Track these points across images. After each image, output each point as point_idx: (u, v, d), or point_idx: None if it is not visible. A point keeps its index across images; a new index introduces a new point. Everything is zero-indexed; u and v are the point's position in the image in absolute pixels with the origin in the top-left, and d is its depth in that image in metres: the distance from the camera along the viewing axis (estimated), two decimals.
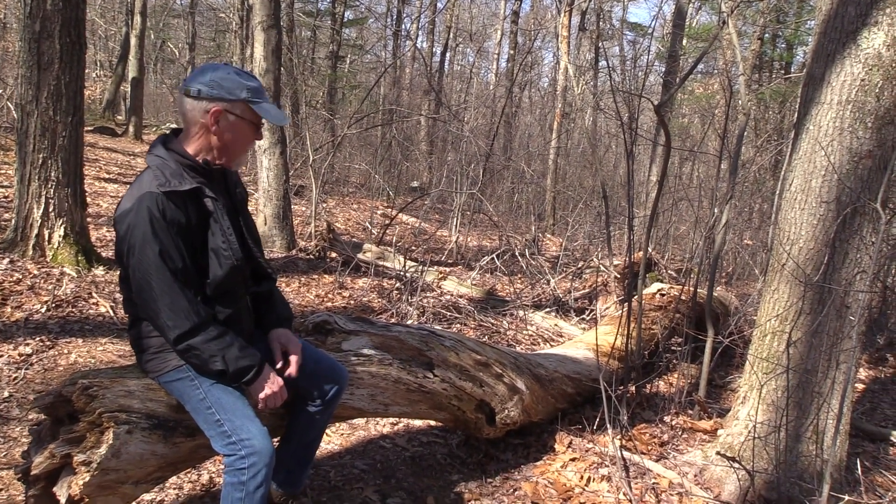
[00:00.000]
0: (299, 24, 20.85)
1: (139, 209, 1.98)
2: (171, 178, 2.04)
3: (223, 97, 2.08)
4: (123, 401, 2.06)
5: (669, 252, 10.13)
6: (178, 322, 2.02)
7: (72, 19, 4.87)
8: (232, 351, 2.09)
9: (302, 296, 6.09)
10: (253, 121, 2.15)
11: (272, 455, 2.08)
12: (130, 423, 2.04)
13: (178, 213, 2.02)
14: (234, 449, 2.06)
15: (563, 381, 3.91)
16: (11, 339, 3.99)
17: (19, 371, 3.65)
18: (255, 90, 2.13)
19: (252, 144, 2.23)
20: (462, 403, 3.17)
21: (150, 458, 2.09)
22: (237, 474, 2.05)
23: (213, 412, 2.08)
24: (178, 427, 2.17)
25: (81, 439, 2.01)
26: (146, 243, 1.98)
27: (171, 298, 2.01)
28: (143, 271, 2.00)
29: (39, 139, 4.90)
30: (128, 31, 17.64)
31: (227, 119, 2.10)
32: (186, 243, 2.05)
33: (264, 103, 2.15)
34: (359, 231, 9.98)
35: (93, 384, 2.03)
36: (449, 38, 21.62)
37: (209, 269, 2.11)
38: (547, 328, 6.13)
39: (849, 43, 3.02)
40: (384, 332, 2.97)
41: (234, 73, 2.11)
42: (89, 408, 1.99)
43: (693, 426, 3.98)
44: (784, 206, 3.31)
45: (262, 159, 7.41)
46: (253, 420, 2.10)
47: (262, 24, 7.05)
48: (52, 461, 1.97)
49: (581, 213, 11.12)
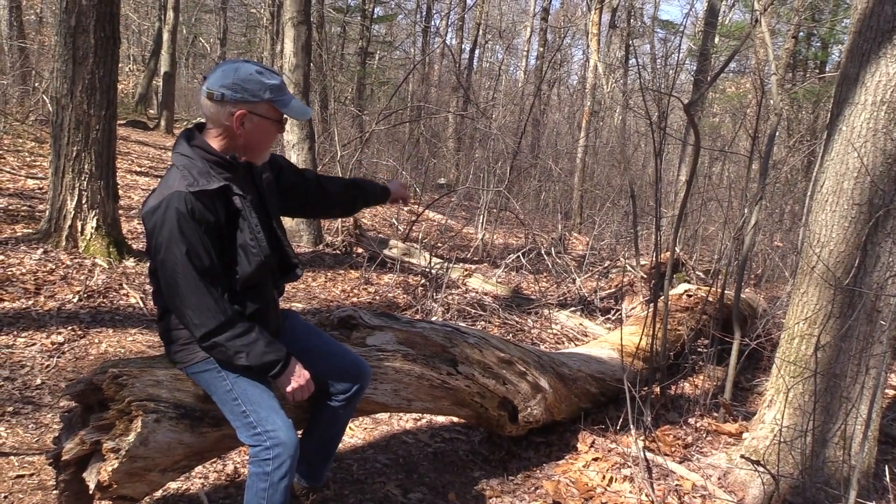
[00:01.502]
0: (329, 20, 20.97)
1: (167, 208, 2.00)
2: (199, 178, 2.05)
3: (247, 100, 2.08)
4: (152, 390, 2.10)
5: (697, 253, 10.02)
6: (204, 320, 2.04)
7: (106, 14, 4.96)
8: (257, 346, 2.11)
9: (328, 291, 6.14)
10: (276, 118, 2.16)
11: (297, 447, 2.11)
12: (158, 411, 2.08)
13: (207, 212, 2.04)
14: (259, 440, 2.09)
15: (586, 381, 3.90)
16: (44, 327, 4.08)
17: (51, 359, 3.73)
18: (277, 88, 2.13)
19: (274, 139, 2.25)
20: (485, 401, 3.18)
21: (177, 447, 2.13)
22: (262, 465, 2.08)
23: (240, 403, 2.11)
24: (204, 417, 2.20)
25: (111, 427, 2.05)
26: (173, 242, 2.00)
27: (197, 297, 2.03)
28: (171, 269, 2.03)
29: (73, 132, 5.00)
30: (160, 26, 17.89)
31: (251, 121, 2.11)
32: (214, 241, 2.07)
33: (287, 99, 2.15)
34: (385, 227, 10.02)
35: (122, 373, 2.07)
36: (478, 35, 21.57)
37: (238, 265, 2.13)
38: (572, 327, 6.11)
39: (885, 42, 2.97)
40: (409, 329, 2.98)
41: (255, 72, 2.10)
42: (119, 396, 2.03)
43: (718, 429, 3.94)
44: (815, 207, 3.27)
45: (290, 154, 7.47)
46: (278, 412, 2.13)
47: (292, 20, 7.10)
48: (83, 447, 2.02)
49: (608, 212, 11.05)
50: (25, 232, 5.40)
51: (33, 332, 3.99)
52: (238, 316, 2.11)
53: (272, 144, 2.25)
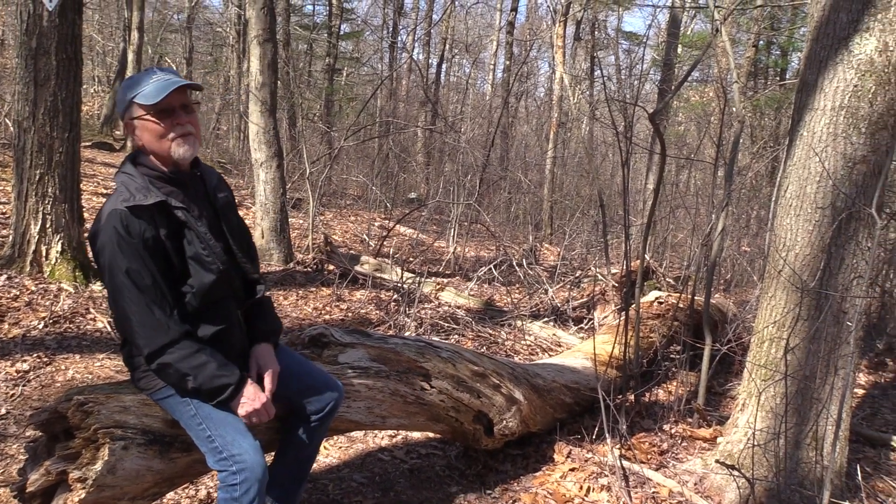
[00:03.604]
0: (296, 37, 20.92)
1: (106, 228, 1.98)
2: (135, 193, 2.02)
3: (122, 109, 2.11)
4: (119, 416, 2.05)
5: (668, 260, 10.12)
6: (149, 340, 2.00)
7: (68, 36, 4.88)
8: (207, 369, 2.06)
9: (300, 309, 6.08)
10: (148, 113, 2.06)
11: (265, 470, 2.07)
12: (126, 438, 2.03)
13: (146, 227, 2.00)
14: (225, 465, 2.05)
15: (561, 391, 3.90)
16: (9, 355, 3.98)
17: (16, 388, 3.64)
18: (134, 84, 2.08)
19: (170, 130, 2.08)
20: (460, 415, 3.16)
21: (146, 474, 2.08)
22: (230, 490, 2.04)
23: (205, 428, 2.07)
24: (174, 442, 2.16)
25: (77, 455, 2.00)
26: (114, 262, 1.98)
27: (141, 316, 2.00)
28: (115, 290, 2.00)
29: (36, 155, 4.91)
30: (125, 46, 17.66)
31: (134, 126, 2.10)
32: (158, 258, 2.03)
33: (144, 87, 2.06)
34: (356, 243, 9.98)
35: (88, 400, 2.02)
36: (445, 50, 21.67)
37: (193, 278, 2.09)
38: (545, 338, 6.12)
39: (841, 49, 3.03)
40: (381, 345, 2.96)
41: (127, 80, 2.12)
42: (84, 424, 1.98)
43: (692, 434, 3.96)
44: (780, 212, 3.32)
45: (258, 172, 7.41)
46: (245, 435, 2.09)
47: (258, 38, 7.07)
48: (48, 478, 1.96)
49: (578, 222, 11.12)
50: None
51: None
52: (186, 335, 2.06)
53: (168, 138, 2.08)
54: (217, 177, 2.34)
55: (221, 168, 15.40)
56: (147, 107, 2.05)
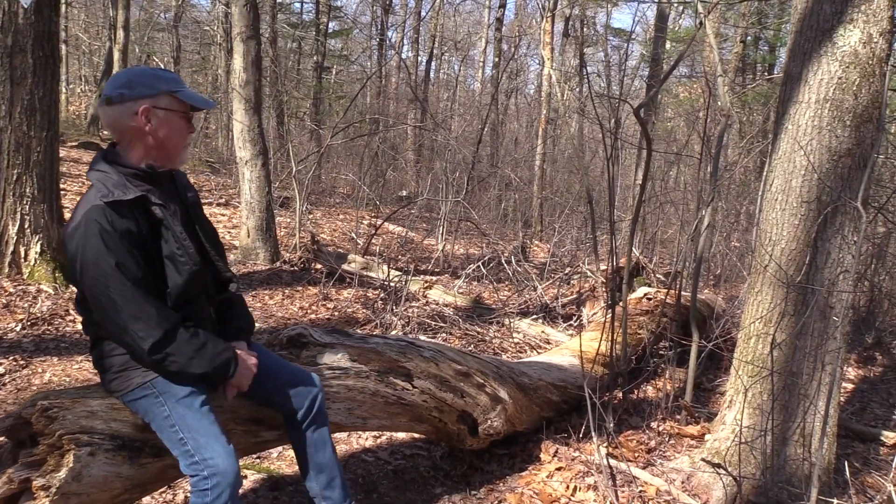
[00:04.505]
0: (284, 35, 20.80)
1: (87, 224, 1.92)
2: (113, 189, 1.97)
3: (146, 94, 2.02)
4: (85, 422, 1.99)
5: (657, 256, 10.10)
6: (150, 331, 1.96)
7: (44, 33, 4.80)
8: (209, 348, 2.06)
9: (285, 308, 6.02)
10: (182, 110, 2.08)
11: (237, 475, 2.02)
12: (93, 444, 1.97)
13: (127, 222, 1.96)
14: (197, 469, 1.99)
15: (547, 389, 3.86)
16: None
17: None
18: (173, 80, 2.08)
19: (187, 137, 2.15)
20: (443, 415, 3.11)
21: (114, 481, 2.02)
22: (201, 495, 1.99)
23: (177, 430, 2.02)
24: (144, 447, 2.10)
25: (42, 463, 1.94)
26: (100, 258, 1.92)
27: (137, 309, 1.95)
28: (102, 286, 1.94)
29: (13, 155, 4.83)
30: (111, 45, 17.53)
31: (156, 115, 2.04)
32: (140, 252, 1.99)
33: (185, 90, 2.09)
34: (345, 242, 9.91)
35: (53, 405, 1.96)
36: (434, 47, 21.61)
37: (167, 278, 2.04)
38: (534, 335, 6.07)
39: (825, 41, 3.00)
40: (361, 344, 2.91)
41: (148, 70, 2.07)
42: (49, 430, 1.92)
43: (680, 432, 3.93)
44: (765, 206, 3.28)
45: (244, 171, 7.34)
46: (218, 438, 2.03)
47: (241, 34, 6.99)
48: (10, 486, 1.90)
49: (568, 218, 11.08)
50: None
51: None
52: (181, 322, 2.04)
53: (184, 141, 2.14)
54: (185, 177, 2.32)
55: (210, 167, 15.30)
56: (184, 106, 2.08)
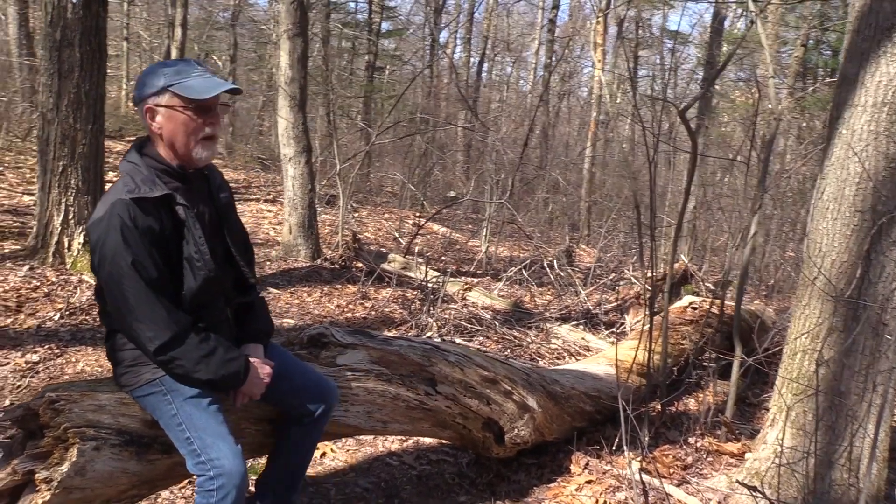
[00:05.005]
0: (338, 35, 20.97)
1: (110, 217, 1.90)
2: (140, 185, 1.94)
3: (148, 93, 1.99)
4: (92, 416, 1.96)
5: (708, 264, 9.81)
6: (158, 333, 1.92)
7: (92, 27, 4.88)
8: (217, 356, 2.00)
9: (323, 306, 6.00)
10: (182, 105, 1.99)
11: (244, 477, 1.96)
12: (99, 439, 1.94)
13: (150, 220, 1.93)
14: (203, 469, 1.95)
15: (580, 399, 3.73)
16: (21, 346, 3.97)
17: (24, 379, 3.62)
18: (172, 72, 1.99)
19: (203, 130, 2.02)
20: (468, 422, 3.02)
21: (120, 476, 1.99)
22: (206, 496, 1.94)
23: (184, 429, 1.98)
24: (153, 444, 2.06)
25: (48, 455, 1.92)
26: (118, 253, 1.89)
27: (148, 309, 1.92)
28: (117, 282, 1.91)
29: (59, 147, 4.92)
30: (169, 43, 17.92)
31: (159, 113, 1.99)
32: (161, 252, 1.95)
33: (186, 80, 1.98)
34: (388, 241, 9.89)
35: (60, 397, 1.94)
36: (486, 49, 21.50)
37: (184, 280, 2.00)
38: (574, 342, 5.93)
39: (884, 40, 2.80)
40: (384, 347, 2.83)
41: (157, 65, 2.02)
42: (54, 422, 1.90)
43: (719, 448, 3.75)
44: (815, 215, 3.10)
45: (287, 168, 7.37)
46: (225, 439, 1.98)
47: (287, 32, 7.02)
48: (14, 477, 1.88)
49: (615, 223, 10.86)
50: (13, 249, 5.31)
51: (8, 352, 3.87)
52: (191, 326, 1.99)
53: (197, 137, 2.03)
54: (220, 177, 2.27)
55: (261, 164, 15.51)
56: (188, 100, 1.98)
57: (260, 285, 2.32)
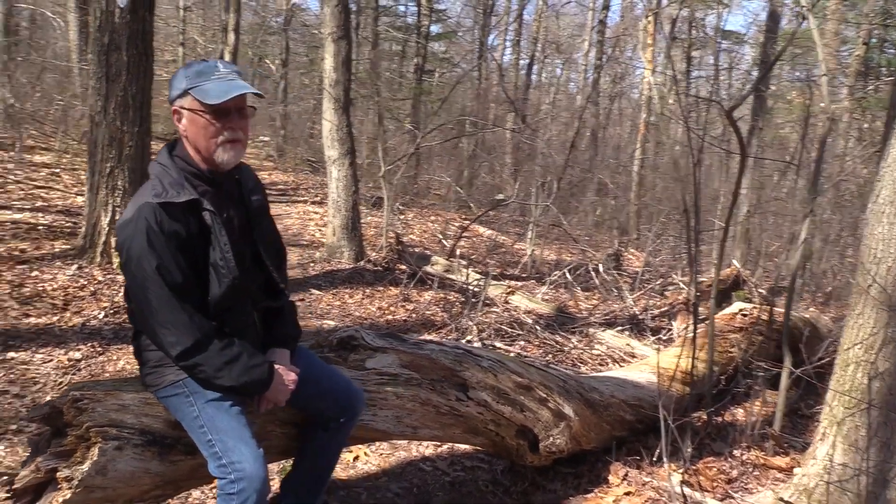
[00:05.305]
0: (387, 38, 21.08)
1: (137, 220, 1.89)
2: (168, 188, 1.93)
3: (174, 95, 1.99)
4: (115, 415, 1.96)
5: (761, 270, 9.52)
6: (180, 339, 1.91)
7: (139, 31, 4.97)
8: (239, 363, 1.97)
9: (364, 308, 6.00)
10: (201, 109, 1.96)
11: (264, 481, 1.94)
12: (121, 438, 1.94)
13: (177, 224, 1.91)
14: (224, 472, 1.93)
15: (620, 407, 3.62)
16: (65, 344, 4.05)
17: (66, 376, 3.69)
18: (194, 74, 1.96)
19: (221, 134, 1.98)
20: (500, 429, 2.95)
21: (143, 476, 1.98)
22: (227, 499, 1.92)
23: (206, 431, 1.96)
24: (176, 444, 2.06)
25: (71, 453, 1.92)
26: (143, 257, 1.88)
27: (170, 314, 1.91)
28: (141, 285, 1.91)
29: (107, 149, 5.02)
30: (223, 48, 18.28)
31: (183, 116, 1.99)
32: (187, 256, 1.94)
33: (205, 83, 1.94)
34: (434, 243, 9.87)
35: (84, 396, 1.94)
36: (535, 51, 21.32)
37: (209, 285, 1.99)
38: (618, 348, 5.79)
39: None
40: (414, 351, 2.78)
41: (184, 66, 2.01)
42: (77, 421, 1.91)
43: (766, 462, 3.60)
44: (871, 220, 2.94)
45: (331, 170, 7.40)
46: (247, 442, 1.96)
47: (332, 35, 7.04)
48: (37, 475, 1.89)
49: (665, 227, 10.63)
50: (64, 248, 5.45)
51: (52, 349, 3.96)
52: (214, 332, 1.97)
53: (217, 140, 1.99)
54: (254, 179, 2.24)
55: (310, 166, 15.67)
56: (204, 104, 1.95)
57: (291, 289, 2.28)
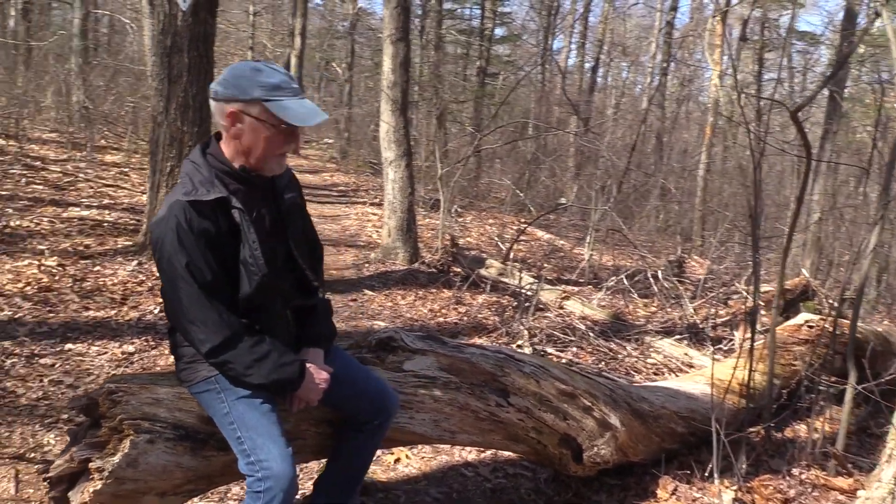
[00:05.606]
0: (451, 41, 21.13)
1: (168, 218, 1.90)
2: (198, 186, 1.93)
3: (237, 97, 1.92)
4: (148, 408, 1.98)
5: (832, 280, 9.11)
6: (210, 335, 1.92)
7: (200, 34, 5.08)
8: (269, 360, 1.96)
9: (416, 309, 5.98)
10: (273, 122, 1.93)
11: (291, 480, 1.92)
12: (153, 432, 1.96)
13: (206, 222, 1.91)
14: (252, 469, 1.93)
15: (671, 419, 3.49)
16: (120, 337, 4.16)
17: (118, 369, 3.78)
18: (270, 87, 1.90)
19: (282, 148, 1.99)
20: (542, 437, 2.87)
21: (174, 470, 2.00)
22: (254, 497, 1.91)
23: (236, 428, 1.96)
24: (209, 440, 2.06)
25: (105, 444, 1.95)
26: (174, 254, 1.89)
27: (200, 311, 1.91)
28: (172, 283, 1.93)
29: (168, 148, 5.15)
30: (289, 52, 18.68)
31: (244, 121, 1.94)
32: (216, 254, 1.94)
33: (285, 101, 1.91)
34: (491, 246, 9.80)
35: (119, 389, 1.97)
36: (600, 53, 21.06)
37: (240, 283, 1.98)
38: (676, 357, 5.62)
39: None
40: (454, 354, 2.74)
41: (251, 69, 1.94)
42: (111, 413, 1.93)
43: (827, 483, 3.41)
44: None
45: (387, 171, 7.42)
46: (276, 441, 1.95)
47: (390, 37, 7.07)
48: (71, 464, 1.93)
49: (730, 233, 10.29)
50: (125, 244, 5.62)
51: (108, 341, 4.07)
52: (246, 329, 1.97)
53: (276, 153, 2.00)
54: (288, 176, 2.22)
55: (372, 168, 15.82)
56: (276, 119, 1.92)
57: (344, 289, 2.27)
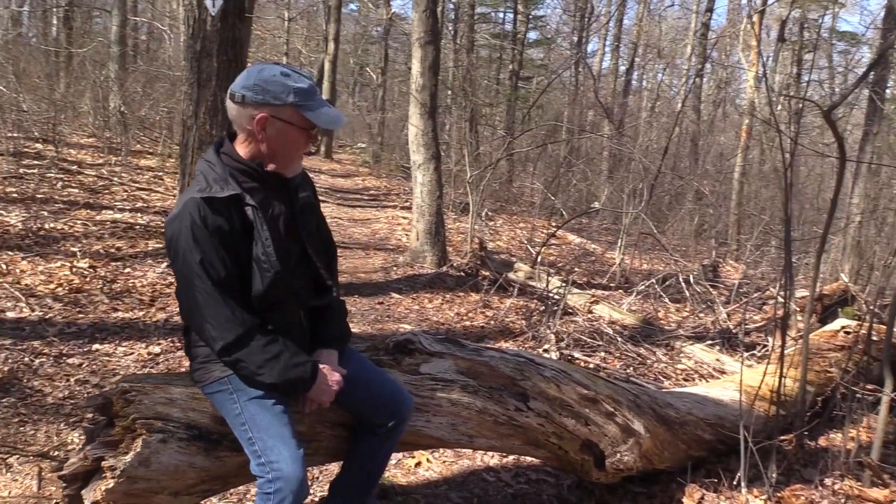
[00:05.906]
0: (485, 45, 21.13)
1: (182, 216, 1.91)
2: (212, 184, 1.95)
3: (269, 102, 1.94)
4: (162, 408, 1.99)
5: (873, 285, 8.87)
6: (222, 333, 1.92)
7: (229, 39, 5.12)
8: (281, 360, 1.96)
9: (442, 313, 5.96)
10: (302, 126, 1.98)
11: (301, 482, 1.91)
12: (166, 431, 1.96)
13: (220, 219, 1.92)
14: (262, 471, 1.92)
15: (697, 426, 3.41)
16: (146, 338, 4.21)
17: (144, 369, 3.81)
18: (303, 92, 1.95)
19: (304, 148, 2.06)
20: (563, 442, 2.82)
21: (187, 470, 2.00)
22: (264, 498, 1.91)
23: (247, 429, 1.96)
24: (222, 440, 2.06)
25: (119, 443, 1.96)
26: (188, 251, 1.90)
27: (214, 308, 1.91)
28: (186, 280, 1.93)
29: (197, 152, 5.19)
30: (323, 57, 18.85)
31: (273, 126, 1.96)
32: (230, 251, 1.94)
33: (315, 105, 1.97)
34: (521, 250, 9.74)
35: (133, 388, 1.98)
36: (635, 56, 20.84)
37: (252, 280, 1.98)
38: (707, 363, 5.51)
39: None
40: (473, 357, 2.70)
41: (280, 73, 1.96)
42: (124, 412, 1.94)
43: (861, 494, 3.29)
44: None
45: (416, 174, 7.42)
46: (287, 442, 1.94)
47: (419, 40, 7.07)
48: (84, 463, 1.94)
49: (766, 237, 10.09)
50: (156, 247, 5.69)
51: (135, 342, 4.12)
52: (258, 328, 1.97)
53: (299, 154, 2.08)
54: (303, 175, 2.23)
55: (404, 171, 15.88)
56: (305, 122, 1.98)
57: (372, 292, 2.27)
